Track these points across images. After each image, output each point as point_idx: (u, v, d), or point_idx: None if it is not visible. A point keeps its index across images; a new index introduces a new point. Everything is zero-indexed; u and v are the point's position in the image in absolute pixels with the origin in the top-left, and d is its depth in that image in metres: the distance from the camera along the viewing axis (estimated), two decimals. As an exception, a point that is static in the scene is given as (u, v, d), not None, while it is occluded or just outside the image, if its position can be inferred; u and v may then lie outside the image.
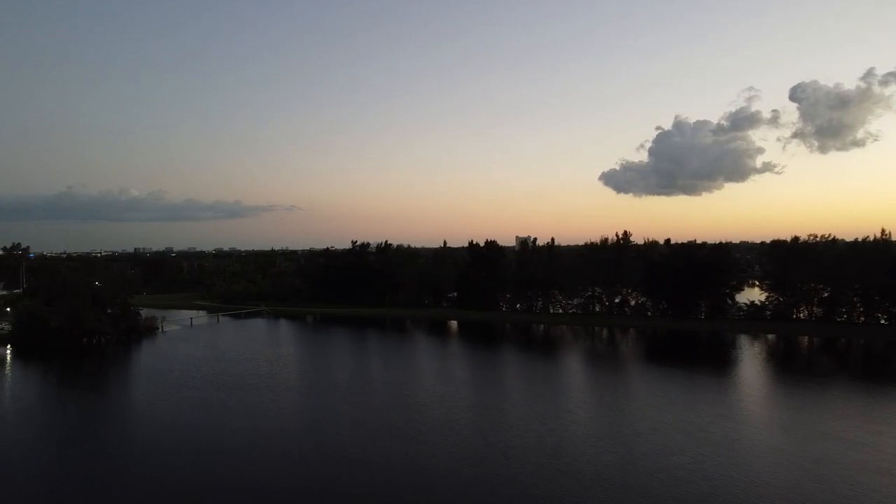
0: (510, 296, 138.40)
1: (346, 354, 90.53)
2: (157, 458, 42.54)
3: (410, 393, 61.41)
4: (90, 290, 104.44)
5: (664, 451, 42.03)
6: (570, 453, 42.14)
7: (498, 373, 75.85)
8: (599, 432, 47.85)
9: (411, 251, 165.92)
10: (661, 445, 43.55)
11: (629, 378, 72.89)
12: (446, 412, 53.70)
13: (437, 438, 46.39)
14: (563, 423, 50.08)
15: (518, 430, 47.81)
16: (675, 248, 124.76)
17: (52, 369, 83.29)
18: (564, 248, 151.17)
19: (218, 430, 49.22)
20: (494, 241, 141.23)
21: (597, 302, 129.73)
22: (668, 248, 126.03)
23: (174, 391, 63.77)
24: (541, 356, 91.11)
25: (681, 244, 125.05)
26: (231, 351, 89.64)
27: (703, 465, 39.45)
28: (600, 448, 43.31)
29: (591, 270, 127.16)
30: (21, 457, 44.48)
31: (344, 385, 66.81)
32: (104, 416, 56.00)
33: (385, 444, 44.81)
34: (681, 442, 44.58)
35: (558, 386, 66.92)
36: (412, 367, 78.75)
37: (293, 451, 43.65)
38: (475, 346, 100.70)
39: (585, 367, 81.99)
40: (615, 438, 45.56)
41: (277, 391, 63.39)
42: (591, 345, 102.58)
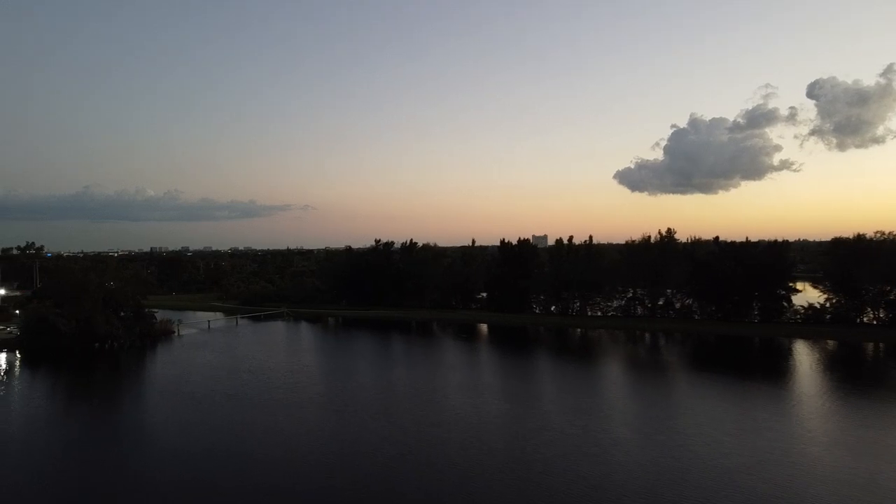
0: (544, 297, 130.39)
1: (372, 364, 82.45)
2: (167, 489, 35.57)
3: (441, 410, 53.99)
4: (102, 292, 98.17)
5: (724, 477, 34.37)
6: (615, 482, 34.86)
7: (535, 383, 67.98)
8: (648, 457, 40.86)
9: (438, 250, 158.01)
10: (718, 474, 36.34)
11: (675, 388, 66.19)
12: (480, 432, 46.25)
13: (469, 462, 39.96)
14: (605, 446, 43.06)
15: (563, 460, 40.25)
16: (724, 247, 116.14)
17: (60, 379, 77.01)
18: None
19: (237, 458, 42.05)
20: (527, 239, 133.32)
21: (638, 304, 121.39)
22: (717, 246, 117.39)
23: (190, 407, 56.74)
24: (579, 363, 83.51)
25: (731, 242, 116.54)
26: (251, 359, 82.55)
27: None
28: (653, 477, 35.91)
29: (633, 271, 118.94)
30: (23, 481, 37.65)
31: (372, 401, 59.30)
32: (111, 438, 49.04)
33: (422, 477, 37.40)
34: (743, 464, 38.41)
35: (600, 399, 59.04)
36: (441, 376, 71.14)
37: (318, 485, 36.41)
38: (508, 352, 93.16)
39: (628, 374, 75.22)
40: (665, 468, 38.09)
41: (301, 409, 56.13)
42: (633, 350, 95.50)
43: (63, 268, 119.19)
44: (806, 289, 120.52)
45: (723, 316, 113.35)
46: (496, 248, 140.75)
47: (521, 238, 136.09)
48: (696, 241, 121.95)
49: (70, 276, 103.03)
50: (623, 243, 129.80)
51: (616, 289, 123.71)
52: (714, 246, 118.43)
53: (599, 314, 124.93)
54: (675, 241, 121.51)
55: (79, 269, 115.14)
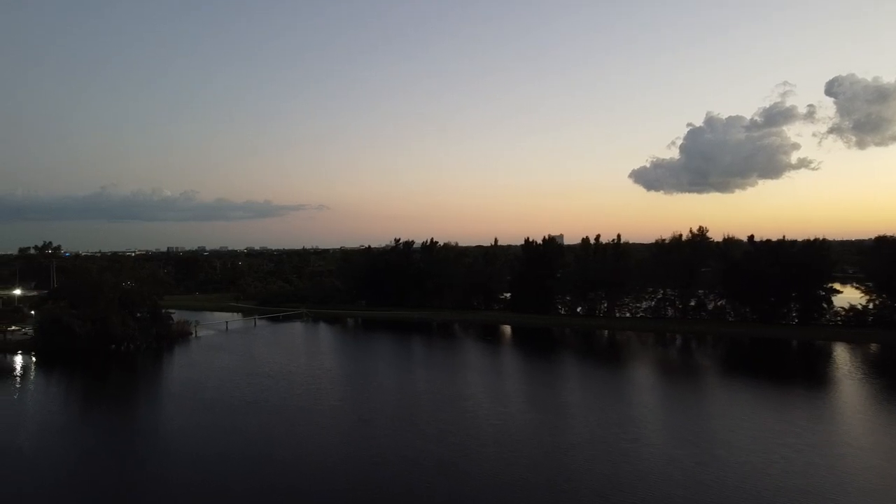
0: (570, 298, 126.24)
1: (394, 368, 78.74)
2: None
3: (471, 418, 50.35)
4: (118, 292, 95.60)
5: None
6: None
7: (567, 389, 63.83)
8: (712, 477, 36.67)
9: (459, 249, 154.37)
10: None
11: (717, 395, 62.45)
12: (518, 444, 42.50)
13: (512, 477, 36.16)
14: (660, 464, 39.19)
15: (615, 479, 36.43)
16: (759, 246, 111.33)
17: (75, 382, 74.57)
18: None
19: (256, 466, 38.76)
20: (553, 237, 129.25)
21: (669, 305, 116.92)
22: (752, 245, 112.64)
23: (208, 413, 53.61)
24: (610, 367, 79.67)
25: (766, 240, 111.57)
26: (270, 362, 79.40)
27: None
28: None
29: (663, 270, 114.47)
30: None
31: (399, 410, 55.76)
32: (126, 446, 45.96)
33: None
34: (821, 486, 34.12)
35: (639, 408, 55.11)
36: (468, 381, 67.39)
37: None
38: (533, 355, 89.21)
39: (662, 380, 71.52)
40: (735, 489, 34.20)
41: (323, 416, 52.80)
42: (665, 353, 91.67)
43: (79, 267, 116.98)
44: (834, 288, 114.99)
45: (758, 317, 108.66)
46: (517, 248, 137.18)
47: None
48: (729, 239, 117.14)
49: (85, 276, 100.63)
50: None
51: (645, 289, 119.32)
52: (748, 245, 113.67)
53: (628, 315, 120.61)
54: (708, 239, 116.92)
55: (95, 268, 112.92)
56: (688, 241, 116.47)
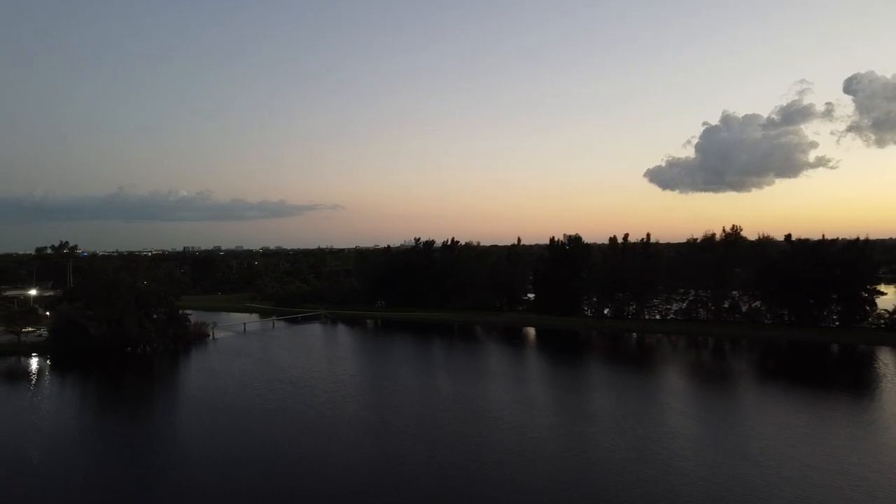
0: (597, 299, 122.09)
1: (417, 372, 75.09)
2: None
3: (509, 429, 46.70)
4: (134, 293, 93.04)
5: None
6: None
7: (606, 398, 58.97)
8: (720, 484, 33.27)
9: (481, 249, 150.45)
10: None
11: (753, 402, 59.06)
12: (567, 462, 38.78)
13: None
14: (723, 482, 35.15)
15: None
16: (797, 245, 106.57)
17: (89, 387, 72.00)
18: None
19: (281, 482, 35.51)
20: (579, 236, 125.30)
21: (701, 307, 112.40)
22: (790, 245, 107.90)
23: (228, 423, 50.42)
24: (638, 371, 75.96)
25: (805, 239, 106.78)
26: (291, 367, 75.98)
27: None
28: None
29: (695, 271, 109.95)
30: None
31: (431, 421, 52.22)
32: (140, 459, 42.91)
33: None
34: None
35: (688, 420, 50.92)
36: (496, 388, 63.74)
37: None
38: (561, 360, 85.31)
39: (693, 384, 68.13)
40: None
41: (350, 427, 49.47)
42: (697, 357, 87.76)
43: (94, 267, 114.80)
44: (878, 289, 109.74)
45: (796, 320, 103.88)
46: (538, 248, 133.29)
47: (572, 235, 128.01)
48: (764, 238, 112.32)
49: (100, 275, 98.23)
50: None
51: (676, 290, 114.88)
52: (785, 244, 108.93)
53: (657, 317, 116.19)
54: (742, 238, 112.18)
55: (111, 268, 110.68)
56: (721, 240, 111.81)
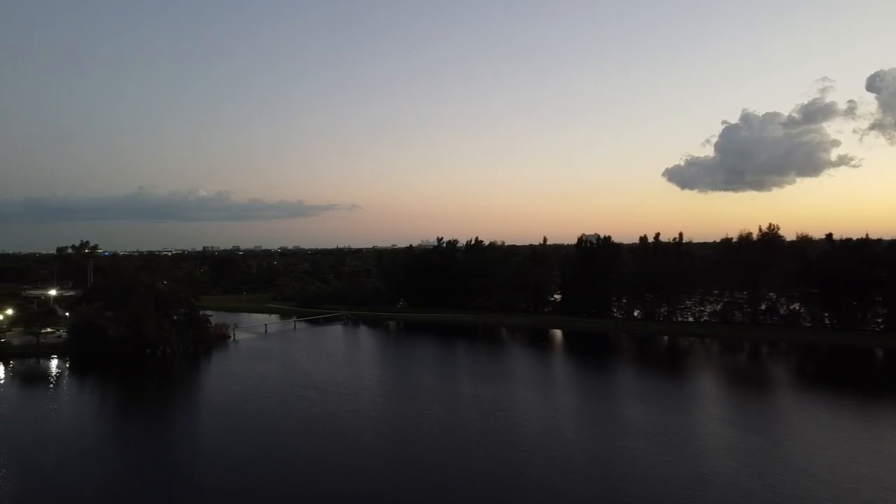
0: (626, 301, 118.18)
1: (442, 377, 71.87)
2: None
3: (552, 444, 43.43)
4: (153, 293, 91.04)
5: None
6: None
7: (630, 404, 55.28)
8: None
9: (507, 248, 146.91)
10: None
11: (793, 410, 56.13)
12: (627, 483, 35.41)
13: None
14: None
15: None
16: (839, 245, 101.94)
17: (109, 390, 70.17)
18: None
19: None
20: (609, 236, 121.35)
21: (736, 309, 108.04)
22: (831, 244, 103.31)
23: (251, 434, 47.72)
24: (674, 376, 72.58)
25: (847, 239, 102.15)
26: (315, 371, 73.32)
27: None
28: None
29: (731, 271, 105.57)
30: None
31: (471, 433, 49.05)
32: (161, 464, 40.38)
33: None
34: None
35: (715, 431, 47.03)
36: (519, 396, 60.47)
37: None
38: (590, 364, 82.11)
39: (731, 391, 65.19)
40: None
41: (379, 439, 46.59)
42: (733, 361, 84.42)
43: (114, 267, 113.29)
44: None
45: (838, 323, 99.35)
46: (564, 248, 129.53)
47: (602, 235, 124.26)
48: (803, 237, 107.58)
49: (120, 276, 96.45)
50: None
51: (710, 291, 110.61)
52: (826, 244, 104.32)
53: (690, 320, 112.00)
54: (780, 238, 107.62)
55: (131, 268, 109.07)
56: (758, 239, 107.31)
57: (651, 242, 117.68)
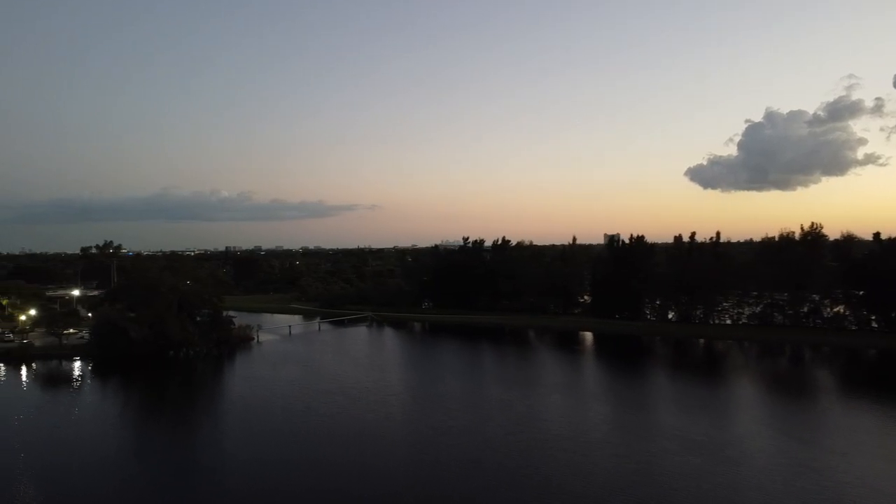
0: (660, 302, 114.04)
1: (472, 384, 68.99)
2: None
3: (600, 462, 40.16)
4: (176, 294, 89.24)
5: None
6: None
7: (678, 414, 51.87)
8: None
9: (535, 248, 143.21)
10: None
11: (837, 418, 53.10)
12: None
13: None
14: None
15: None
16: (887, 244, 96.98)
17: (132, 394, 68.32)
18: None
19: None
20: (642, 236, 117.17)
21: (776, 312, 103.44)
22: (879, 244, 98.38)
23: (276, 445, 45.09)
24: (717, 383, 68.92)
25: (895, 238, 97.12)
26: (342, 376, 70.50)
27: None
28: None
29: (771, 272, 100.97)
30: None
31: (508, 447, 46.00)
32: (182, 475, 37.91)
33: None
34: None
35: (777, 446, 43.27)
36: (555, 404, 57.39)
37: None
38: (626, 369, 78.48)
39: (773, 398, 61.80)
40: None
41: (418, 451, 43.72)
42: (773, 366, 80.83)
43: (137, 267, 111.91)
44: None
45: (886, 326, 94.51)
46: (594, 248, 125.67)
47: (635, 235, 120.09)
48: (849, 237, 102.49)
49: (143, 276, 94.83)
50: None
51: (749, 293, 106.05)
52: (874, 243, 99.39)
53: (728, 322, 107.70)
54: (824, 237, 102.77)
55: (154, 268, 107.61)
56: (801, 238, 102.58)
57: (686, 242, 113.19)
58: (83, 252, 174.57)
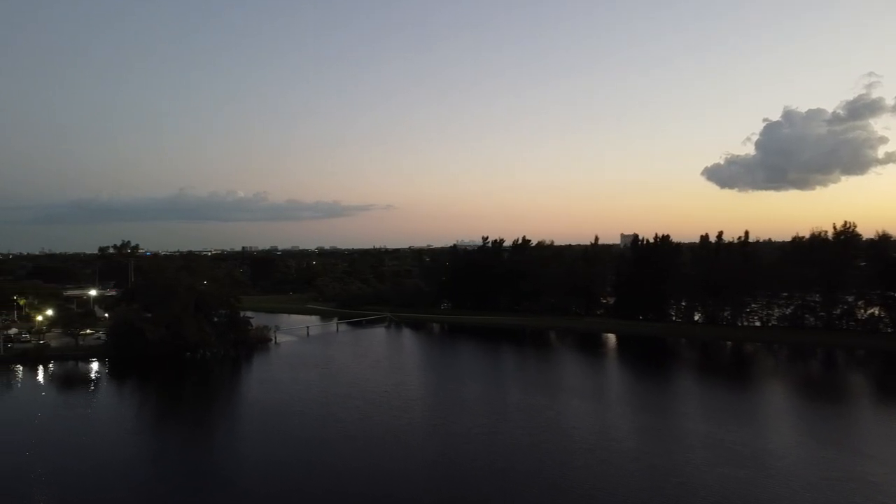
0: (685, 303, 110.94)
1: (497, 388, 66.87)
2: None
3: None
4: (193, 294, 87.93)
5: None
6: None
7: (718, 422, 48.89)
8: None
9: (555, 248, 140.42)
10: None
11: (881, 425, 50.92)
12: None
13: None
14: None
15: None
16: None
17: (148, 395, 66.91)
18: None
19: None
20: (667, 235, 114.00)
21: (808, 313, 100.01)
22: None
23: (297, 453, 43.22)
24: (752, 389, 66.03)
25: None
26: (363, 381, 68.22)
27: None
28: None
29: (803, 273, 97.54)
30: None
31: (537, 461, 43.74)
32: (202, 478, 36.14)
33: None
34: None
35: (827, 457, 40.43)
36: (588, 412, 54.94)
37: None
38: (651, 372, 75.71)
39: (812, 404, 59.21)
40: None
41: (447, 464, 41.53)
42: (806, 370, 78.05)
43: (154, 267, 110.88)
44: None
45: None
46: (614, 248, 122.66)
47: (660, 235, 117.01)
48: (884, 236, 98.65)
49: (160, 276, 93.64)
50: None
51: (779, 294, 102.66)
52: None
53: (757, 324, 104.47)
54: (858, 236, 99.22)
55: (171, 268, 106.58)
56: (834, 238, 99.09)
57: (713, 242, 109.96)
58: (101, 252, 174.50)
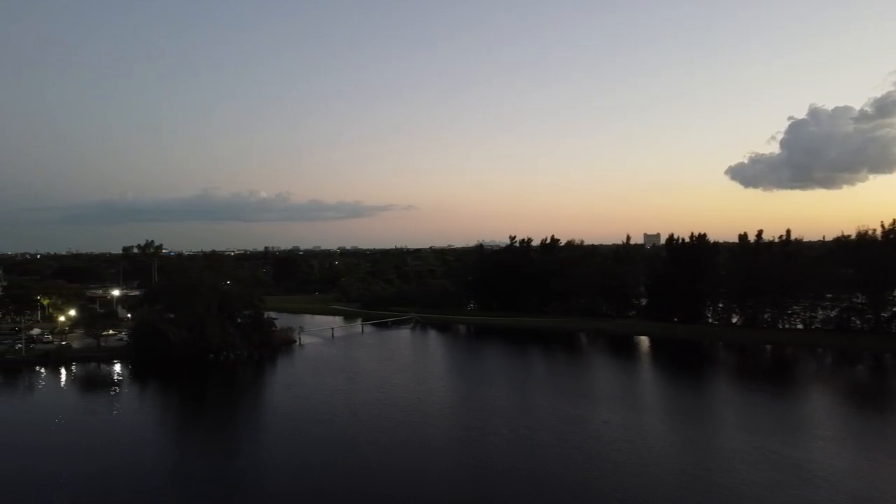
0: (723, 305, 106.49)
1: (535, 395, 63.41)
2: None
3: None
4: (216, 294, 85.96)
5: None
6: None
7: (773, 435, 45.35)
8: None
9: (587, 248, 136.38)
10: None
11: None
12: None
13: None
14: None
15: None
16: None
17: (170, 398, 64.89)
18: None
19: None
20: (704, 234, 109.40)
21: (854, 315, 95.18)
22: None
23: (321, 459, 40.54)
24: (792, 394, 62.50)
25: None
26: (391, 385, 65.44)
27: None
28: None
29: (847, 273, 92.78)
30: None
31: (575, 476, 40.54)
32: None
33: None
34: None
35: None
36: (634, 423, 51.49)
37: None
38: (689, 378, 71.99)
39: (868, 414, 54.57)
40: None
41: (490, 476, 38.57)
42: (850, 374, 74.13)
43: (178, 267, 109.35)
44: None
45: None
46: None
47: (696, 234, 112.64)
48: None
49: (182, 276, 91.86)
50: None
51: (822, 296, 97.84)
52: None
53: (799, 327, 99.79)
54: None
55: (194, 268, 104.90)
56: (882, 236, 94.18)
57: (752, 241, 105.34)
58: (125, 252, 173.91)
